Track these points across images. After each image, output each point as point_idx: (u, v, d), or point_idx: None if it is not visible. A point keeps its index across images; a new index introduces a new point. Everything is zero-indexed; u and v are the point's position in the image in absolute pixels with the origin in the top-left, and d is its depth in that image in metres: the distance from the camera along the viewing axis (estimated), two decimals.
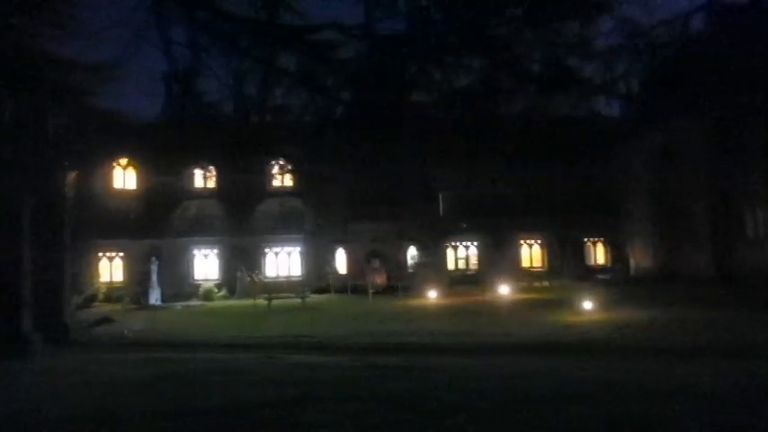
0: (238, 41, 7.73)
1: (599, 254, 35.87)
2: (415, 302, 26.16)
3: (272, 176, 33.18)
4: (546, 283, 31.67)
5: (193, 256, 32.41)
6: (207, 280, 31.52)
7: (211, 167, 32.61)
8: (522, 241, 34.96)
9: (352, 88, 8.31)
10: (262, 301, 26.81)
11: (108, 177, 31.77)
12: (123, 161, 31.99)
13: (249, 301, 27.51)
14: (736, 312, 17.43)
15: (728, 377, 8.25)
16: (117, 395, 8.01)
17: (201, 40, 7.35)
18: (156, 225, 30.34)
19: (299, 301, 26.98)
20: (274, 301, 26.59)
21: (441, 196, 33.77)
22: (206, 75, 8.14)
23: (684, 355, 11.72)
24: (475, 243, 34.62)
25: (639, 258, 33.69)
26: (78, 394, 8.15)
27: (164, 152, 24.05)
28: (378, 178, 27.03)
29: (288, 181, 33.56)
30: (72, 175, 22.06)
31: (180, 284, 29.94)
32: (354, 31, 7.89)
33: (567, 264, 32.92)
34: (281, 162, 29.98)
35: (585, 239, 35.33)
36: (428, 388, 8.02)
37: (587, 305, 20.44)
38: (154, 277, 28.31)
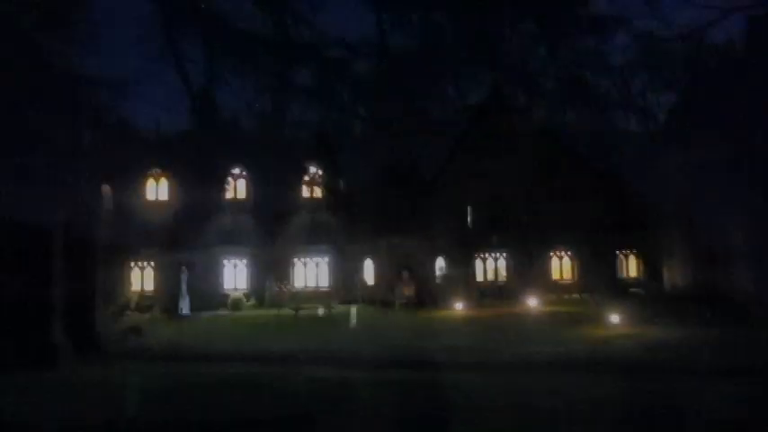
0: (254, 57, 7.91)
1: (631, 267, 35.22)
2: (442, 315, 26.07)
3: (301, 187, 33.53)
4: (576, 296, 31.28)
5: (223, 266, 32.78)
6: (236, 290, 31.84)
7: (240, 178, 33.24)
8: (552, 253, 34.55)
9: (366, 102, 8.45)
10: (289, 312, 27.05)
11: (140, 189, 32.39)
12: (155, 173, 32.59)
13: (277, 312, 27.74)
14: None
15: (740, 399, 8.10)
16: (136, 407, 8.16)
17: (217, 56, 7.54)
18: (186, 235, 30.75)
19: (325, 311, 27.15)
20: (301, 312, 26.82)
21: (469, 208, 33.58)
22: (224, 90, 8.32)
23: (706, 376, 11.47)
24: (504, 255, 34.32)
25: (673, 273, 32.97)
26: (97, 405, 8.33)
27: (192, 163, 24.48)
28: (404, 189, 27.11)
29: (317, 192, 33.89)
30: (106, 188, 22.59)
31: (209, 294, 30.25)
32: (367, 46, 8.00)
33: (597, 277, 32.39)
34: (308, 174, 30.29)
35: (617, 252, 34.74)
36: (441, 403, 8.02)
37: (616, 320, 20.17)
38: (183, 287, 28.68)
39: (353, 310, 24.94)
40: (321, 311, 27.20)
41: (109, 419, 7.30)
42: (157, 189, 33.02)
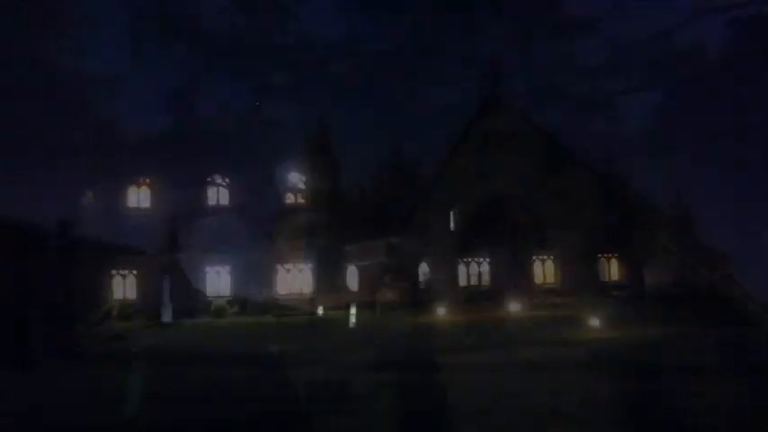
0: (236, 59, 7.90)
1: (613, 270, 35.46)
2: (425, 319, 26.04)
3: (285, 194, 33.65)
4: (558, 300, 31.35)
5: (206, 273, 32.60)
6: (219, 297, 31.67)
7: (223, 184, 33.25)
8: (535, 257, 34.70)
9: (346, 102, 8.46)
10: (272, 318, 26.98)
11: (123, 196, 32.17)
12: (137, 179, 32.40)
13: (260, 318, 27.65)
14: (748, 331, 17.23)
15: (738, 397, 8.18)
16: (114, 409, 8.11)
17: (194, 58, 7.52)
18: (169, 242, 30.61)
19: (308, 317, 27.10)
20: (284, 318, 26.75)
21: (452, 212, 33.71)
22: (207, 95, 8.32)
23: (691, 374, 11.55)
24: (487, 259, 34.43)
25: (657, 275, 33.18)
26: (69, 406, 8.26)
27: (175, 170, 24.39)
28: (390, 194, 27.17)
29: (301, 198, 34.00)
30: (89, 195, 22.48)
31: (192, 301, 30.06)
32: (348, 48, 8.02)
33: (581, 280, 32.54)
34: (292, 180, 30.30)
35: (600, 255, 34.95)
36: (431, 404, 8.03)
37: (597, 323, 20.26)
38: (165, 295, 28.45)
39: (353, 309, 24.67)
40: (310, 313, 27.27)
41: (85, 422, 7.24)
42: (139, 196, 32.83)
